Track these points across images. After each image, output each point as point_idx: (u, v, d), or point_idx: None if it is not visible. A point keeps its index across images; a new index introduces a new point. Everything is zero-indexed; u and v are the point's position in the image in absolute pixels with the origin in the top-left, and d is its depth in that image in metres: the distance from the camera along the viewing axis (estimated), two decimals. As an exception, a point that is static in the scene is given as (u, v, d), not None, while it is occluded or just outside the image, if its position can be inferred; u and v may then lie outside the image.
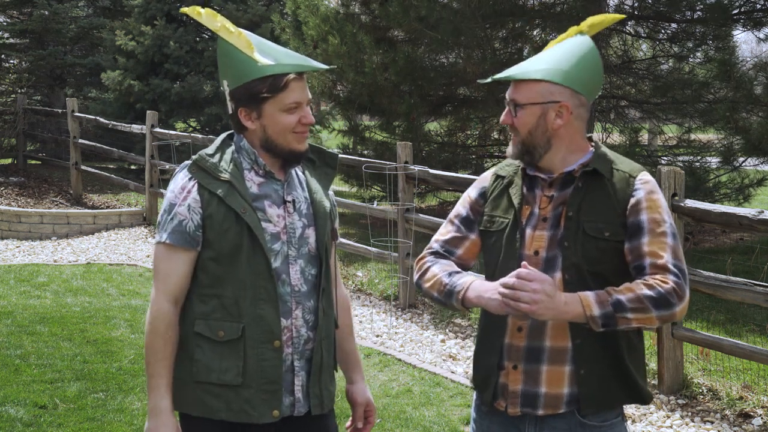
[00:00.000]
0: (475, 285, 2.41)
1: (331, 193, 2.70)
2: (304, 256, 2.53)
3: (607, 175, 2.43)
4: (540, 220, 2.45)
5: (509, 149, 2.49)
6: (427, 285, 2.51)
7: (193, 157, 2.53)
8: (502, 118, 2.47)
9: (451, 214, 2.62)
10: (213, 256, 2.48)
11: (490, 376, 2.47)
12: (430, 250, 2.59)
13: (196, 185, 2.48)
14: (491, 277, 2.48)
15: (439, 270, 2.51)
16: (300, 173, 2.62)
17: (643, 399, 2.47)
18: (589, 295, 2.29)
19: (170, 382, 2.47)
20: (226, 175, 2.48)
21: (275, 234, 2.49)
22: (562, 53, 2.46)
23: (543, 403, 2.40)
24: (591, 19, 2.53)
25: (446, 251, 2.57)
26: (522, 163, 2.49)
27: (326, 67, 2.58)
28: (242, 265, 2.45)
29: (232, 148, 2.55)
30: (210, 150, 2.55)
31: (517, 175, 2.52)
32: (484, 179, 2.61)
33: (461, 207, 2.60)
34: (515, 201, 2.48)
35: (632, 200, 2.39)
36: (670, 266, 2.33)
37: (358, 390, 2.73)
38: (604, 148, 2.51)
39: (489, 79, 2.51)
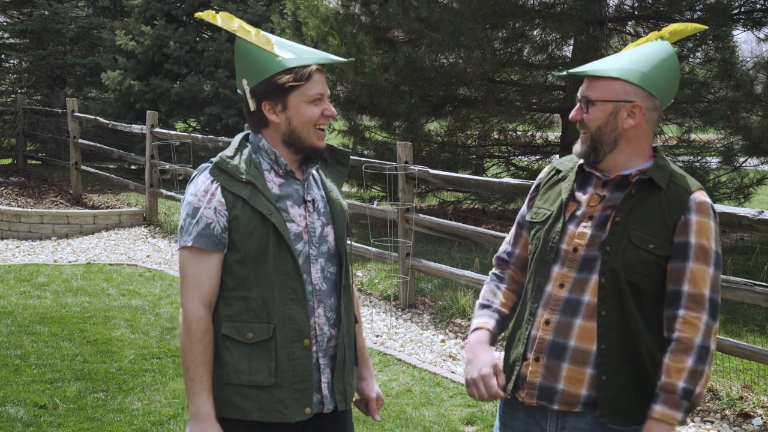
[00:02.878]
0: (471, 344, 2.56)
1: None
2: (324, 254, 2.54)
3: (663, 187, 2.41)
4: (585, 218, 2.45)
5: (577, 146, 2.49)
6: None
7: (214, 159, 2.53)
8: (572, 114, 2.47)
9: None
10: (239, 259, 2.46)
11: (514, 367, 2.50)
12: (495, 257, 2.74)
13: (220, 188, 2.47)
14: (530, 270, 2.53)
15: (481, 294, 2.70)
16: (315, 172, 2.64)
17: None
18: (665, 410, 2.32)
19: (211, 387, 2.45)
20: (248, 177, 2.48)
21: (298, 234, 2.51)
22: (640, 55, 2.45)
23: (559, 399, 2.41)
24: (672, 26, 2.53)
25: (507, 253, 2.69)
26: (585, 161, 2.50)
27: (344, 60, 2.60)
28: (269, 266, 2.46)
29: (249, 149, 2.55)
30: (229, 152, 2.53)
31: (573, 170, 2.54)
32: (541, 173, 2.66)
33: (523, 205, 2.70)
34: (564, 195, 2.50)
35: (683, 218, 2.39)
36: (706, 300, 2.37)
37: (369, 385, 2.75)
38: (666, 160, 2.49)
39: (565, 73, 2.49)
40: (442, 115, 12.42)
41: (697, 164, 10.62)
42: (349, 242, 2.70)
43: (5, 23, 18.75)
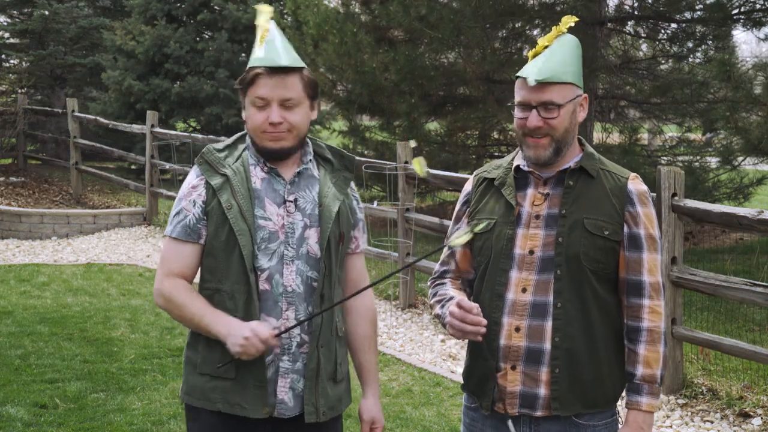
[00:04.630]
0: (446, 312, 2.45)
1: (355, 200, 2.65)
2: (303, 257, 2.50)
3: (594, 175, 2.44)
4: (532, 218, 2.44)
5: (538, 153, 2.42)
6: (433, 313, 2.64)
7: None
8: (533, 123, 2.39)
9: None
10: (211, 250, 2.50)
11: (488, 381, 2.45)
12: (432, 276, 2.67)
13: (204, 181, 2.51)
14: (482, 280, 2.49)
15: (434, 301, 2.59)
16: (316, 173, 2.58)
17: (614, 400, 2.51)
18: (651, 401, 2.40)
19: (218, 311, 2.44)
20: (226, 170, 2.50)
21: (273, 232, 2.48)
22: (569, 55, 2.46)
23: (542, 404, 2.40)
24: (564, 20, 2.55)
25: (442, 271, 2.63)
26: (544, 163, 2.44)
27: (292, 65, 2.46)
28: (236, 259, 2.46)
29: (246, 143, 2.58)
30: (220, 145, 2.57)
31: (510, 174, 2.51)
32: (466, 187, 2.63)
33: (451, 223, 2.65)
34: (512, 201, 2.47)
35: (631, 209, 2.43)
36: (661, 286, 2.46)
37: (366, 406, 2.68)
38: (591, 148, 2.54)
39: (534, 82, 2.41)
40: (442, 115, 12.42)
41: (697, 164, 10.62)
42: (360, 249, 2.67)
43: (5, 23, 18.75)
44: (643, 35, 11.80)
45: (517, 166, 2.50)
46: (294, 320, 2.48)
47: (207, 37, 15.67)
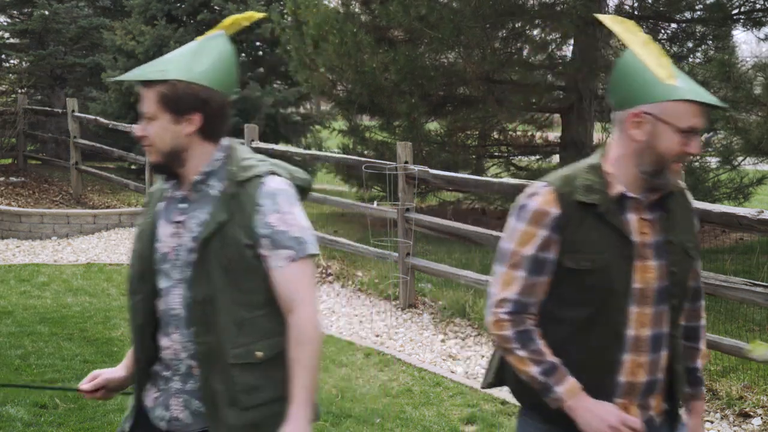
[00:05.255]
0: (583, 403, 2.24)
1: (260, 214, 2.32)
2: (186, 280, 2.38)
3: (674, 190, 2.32)
4: (642, 247, 2.27)
5: (676, 179, 2.28)
6: (514, 363, 2.31)
7: None
8: (698, 149, 2.23)
9: (511, 257, 2.29)
10: None
11: None
12: (504, 311, 2.29)
13: None
14: (594, 316, 2.27)
15: (526, 357, 2.28)
16: (217, 190, 2.37)
17: None
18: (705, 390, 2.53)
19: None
20: (155, 185, 2.53)
21: (165, 254, 2.41)
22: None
23: (659, 423, 2.40)
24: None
25: (522, 304, 2.29)
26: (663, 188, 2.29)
27: (140, 78, 2.38)
28: None
29: None
30: None
31: (611, 201, 2.26)
32: (545, 210, 2.25)
33: (525, 248, 2.27)
34: (625, 231, 2.26)
35: (696, 221, 2.44)
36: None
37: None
38: None
39: (724, 105, 2.30)
40: (442, 115, 12.43)
41: (696, 164, 10.63)
42: (278, 266, 2.32)
43: (5, 23, 18.76)
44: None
45: (622, 194, 2.26)
46: (179, 342, 2.39)
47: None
